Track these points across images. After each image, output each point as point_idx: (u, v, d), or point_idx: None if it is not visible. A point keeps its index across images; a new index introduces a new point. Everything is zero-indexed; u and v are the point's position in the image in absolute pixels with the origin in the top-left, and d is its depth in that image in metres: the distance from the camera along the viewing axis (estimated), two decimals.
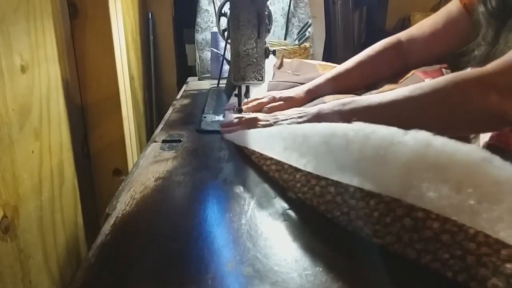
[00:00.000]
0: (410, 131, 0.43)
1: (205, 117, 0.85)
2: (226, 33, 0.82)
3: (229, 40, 0.72)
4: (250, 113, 0.78)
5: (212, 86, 1.15)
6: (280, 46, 1.31)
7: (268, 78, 0.95)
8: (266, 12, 0.70)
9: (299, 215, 0.48)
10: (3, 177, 0.62)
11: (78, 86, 0.95)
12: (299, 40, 1.37)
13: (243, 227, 0.45)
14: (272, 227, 0.46)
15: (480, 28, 0.66)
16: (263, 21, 0.69)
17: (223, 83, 1.09)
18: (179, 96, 1.11)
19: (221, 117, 0.84)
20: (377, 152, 0.43)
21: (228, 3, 0.71)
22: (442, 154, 0.40)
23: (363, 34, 2.09)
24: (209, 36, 1.39)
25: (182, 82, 1.41)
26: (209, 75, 1.37)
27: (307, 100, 0.80)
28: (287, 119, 0.65)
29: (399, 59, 0.82)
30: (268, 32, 0.75)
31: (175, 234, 0.45)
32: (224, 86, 1.06)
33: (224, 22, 0.82)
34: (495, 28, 0.63)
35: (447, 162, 0.39)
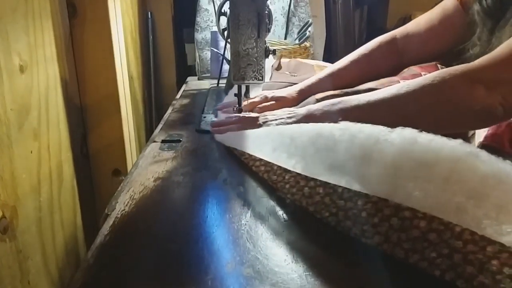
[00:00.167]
0: (396, 128, 0.43)
1: (204, 117, 0.85)
2: (226, 32, 0.81)
3: (229, 40, 0.72)
4: (250, 113, 0.77)
5: (211, 85, 1.14)
6: (280, 45, 1.31)
7: (266, 79, 0.94)
8: (266, 12, 0.70)
9: (300, 216, 0.47)
10: (1, 177, 0.62)
11: (77, 86, 0.94)
12: (299, 40, 1.36)
13: (243, 228, 0.45)
14: (272, 228, 0.45)
15: (475, 28, 0.66)
16: (263, 20, 0.69)
17: (223, 82, 1.09)
18: (178, 96, 1.11)
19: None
20: (364, 151, 0.43)
21: (228, 2, 0.70)
22: (428, 151, 0.40)
23: (364, 34, 2.09)
24: (208, 36, 1.39)
25: (181, 81, 1.41)
26: (208, 74, 1.37)
27: (299, 100, 0.79)
28: (276, 119, 0.65)
29: (394, 56, 0.81)
30: (268, 31, 0.74)
31: (174, 235, 0.44)
32: (224, 85, 1.06)
33: (224, 21, 0.82)
34: (490, 27, 0.63)
35: (434, 159, 0.39)
